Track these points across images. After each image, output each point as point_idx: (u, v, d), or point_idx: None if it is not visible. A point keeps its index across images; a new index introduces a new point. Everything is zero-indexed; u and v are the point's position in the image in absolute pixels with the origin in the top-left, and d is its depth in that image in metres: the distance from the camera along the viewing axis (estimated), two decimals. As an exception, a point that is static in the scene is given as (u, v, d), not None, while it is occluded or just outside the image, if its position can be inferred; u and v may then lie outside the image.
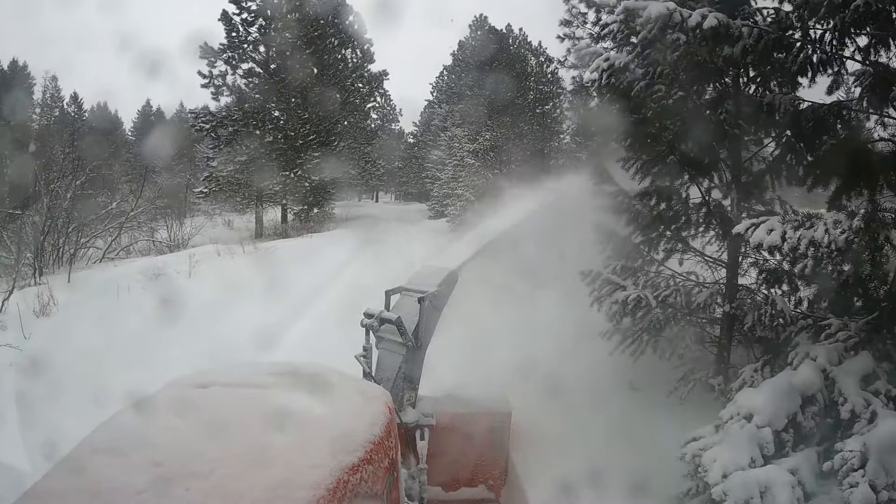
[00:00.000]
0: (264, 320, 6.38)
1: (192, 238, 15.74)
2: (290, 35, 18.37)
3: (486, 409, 3.63)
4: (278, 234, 17.93)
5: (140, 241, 15.49)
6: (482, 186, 15.73)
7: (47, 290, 8.36)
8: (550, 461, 3.55)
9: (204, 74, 18.86)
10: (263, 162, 17.78)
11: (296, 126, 18.90)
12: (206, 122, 18.88)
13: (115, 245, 14.32)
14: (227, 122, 18.58)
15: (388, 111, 30.99)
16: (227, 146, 18.35)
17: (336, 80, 19.93)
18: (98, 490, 1.48)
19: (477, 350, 4.59)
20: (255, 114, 18.57)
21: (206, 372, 2.06)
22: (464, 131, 18.60)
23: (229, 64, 18.65)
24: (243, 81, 18.87)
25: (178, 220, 16.44)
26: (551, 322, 4.76)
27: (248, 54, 18.78)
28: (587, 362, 4.43)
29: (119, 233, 14.58)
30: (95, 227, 13.67)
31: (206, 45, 18.12)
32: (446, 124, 21.27)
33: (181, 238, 15.49)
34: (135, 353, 5.85)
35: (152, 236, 15.62)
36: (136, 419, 1.72)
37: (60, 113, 32.72)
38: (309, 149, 18.78)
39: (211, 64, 18.41)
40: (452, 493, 3.54)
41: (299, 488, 1.50)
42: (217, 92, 18.91)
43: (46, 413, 4.03)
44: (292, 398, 1.84)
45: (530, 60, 23.46)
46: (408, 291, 3.37)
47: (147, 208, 16.01)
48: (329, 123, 19.42)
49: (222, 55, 18.40)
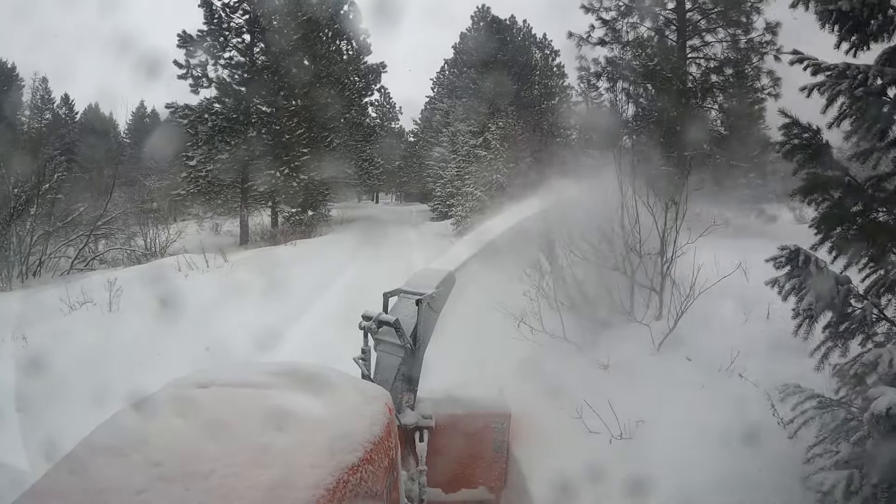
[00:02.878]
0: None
1: (172, 245, 15.46)
2: (277, 21, 18.08)
3: (485, 410, 3.76)
4: (266, 239, 17.51)
5: (112, 251, 15.13)
6: (496, 182, 14.72)
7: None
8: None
9: (180, 64, 18.15)
10: (247, 160, 17.22)
11: (283, 119, 18.21)
12: (184, 117, 18.17)
13: (87, 254, 14.14)
14: (207, 117, 18.00)
15: (387, 109, 31.13)
16: (206, 143, 17.84)
17: (329, 71, 19.54)
18: (98, 490, 1.57)
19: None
20: (238, 104, 18.07)
21: (206, 372, 2.14)
22: (467, 126, 18.27)
23: (209, 53, 18.09)
24: (226, 72, 18.39)
25: (157, 226, 16.05)
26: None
27: (229, 42, 18.22)
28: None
29: (87, 241, 14.27)
30: (67, 235, 13.61)
31: (184, 32, 17.67)
32: (449, 119, 21.20)
33: (158, 246, 15.19)
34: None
35: (127, 244, 15.31)
36: (135, 419, 1.80)
37: (52, 116, 32.91)
38: (298, 145, 18.15)
39: (190, 53, 17.89)
40: (452, 494, 3.65)
41: (299, 488, 1.58)
42: (196, 84, 18.29)
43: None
44: (292, 398, 1.93)
45: (535, 54, 23.50)
46: (406, 293, 3.45)
47: (124, 213, 15.83)
48: (321, 118, 18.86)
49: (202, 43, 17.88)
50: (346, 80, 20.97)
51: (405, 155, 30.81)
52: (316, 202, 19.70)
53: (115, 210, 15.64)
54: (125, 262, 14.09)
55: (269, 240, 17.47)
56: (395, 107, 32.77)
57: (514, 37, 25.24)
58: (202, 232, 19.51)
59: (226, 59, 18.32)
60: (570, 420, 3.83)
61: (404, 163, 30.93)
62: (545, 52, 24.62)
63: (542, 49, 24.89)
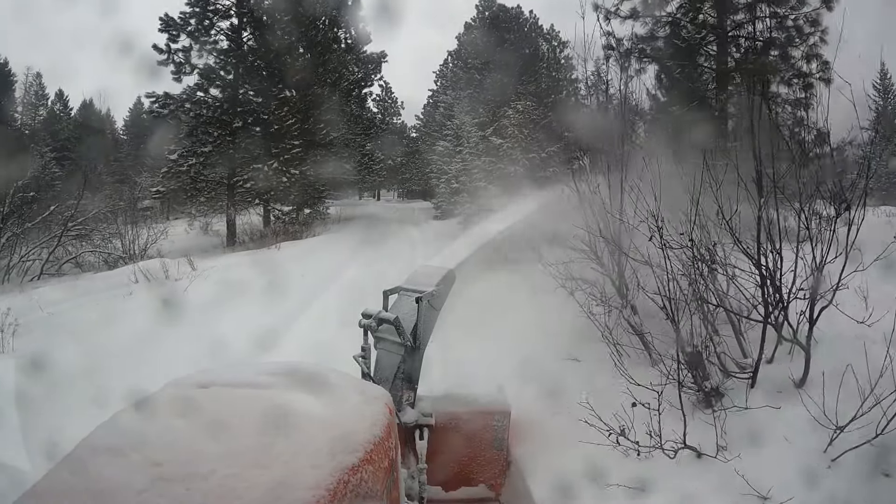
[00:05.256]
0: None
1: (155, 246, 15.03)
2: (269, 2, 17.64)
3: (485, 408, 3.90)
4: (255, 240, 16.87)
5: (85, 253, 14.60)
6: (514, 175, 13.14)
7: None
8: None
9: (161, 49, 17.30)
10: (232, 152, 16.59)
11: (272, 108, 17.39)
12: (164, 107, 17.35)
13: (60, 256, 13.81)
14: (190, 106, 17.27)
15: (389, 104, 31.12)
16: (188, 136, 17.21)
17: (325, 58, 18.98)
18: (98, 490, 1.64)
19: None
20: (223, 92, 17.41)
21: (206, 372, 2.21)
22: (473, 118, 18.02)
23: (192, 37, 17.35)
24: (211, 58, 17.69)
25: (137, 226, 15.53)
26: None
27: (215, 24, 17.51)
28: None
29: (57, 244, 13.86)
30: (38, 237, 13.41)
31: (166, 15, 17.03)
32: (453, 112, 21.07)
33: (137, 248, 14.69)
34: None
35: (103, 246, 14.82)
36: (136, 419, 1.86)
37: (48, 112, 33.18)
38: (289, 136, 17.33)
39: (172, 38, 17.19)
40: (452, 492, 3.81)
41: (299, 489, 1.66)
42: (178, 70, 17.53)
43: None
44: (292, 398, 1.99)
45: (542, 45, 23.45)
46: (406, 291, 3.54)
47: (99, 213, 15.39)
48: (317, 109, 18.23)
49: (186, 27, 17.17)
50: (344, 70, 20.32)
51: (407, 151, 30.87)
52: (312, 200, 19.01)
53: (95, 209, 15.28)
54: (98, 267, 13.69)
55: (258, 241, 16.80)
56: (397, 101, 32.74)
57: (520, 26, 25.21)
58: (191, 231, 18.97)
59: (210, 43, 17.52)
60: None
61: (406, 159, 31.03)
62: (552, 45, 24.56)
63: (550, 41, 24.83)
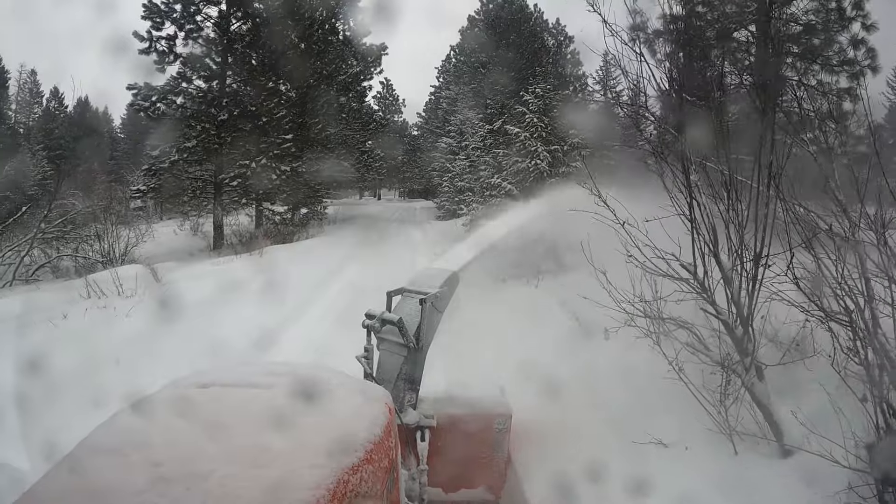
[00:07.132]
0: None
1: (139, 248, 14.74)
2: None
3: (486, 411, 4.03)
4: (244, 243, 16.23)
5: (62, 257, 14.21)
6: (534, 170, 12.04)
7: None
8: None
9: (142, 36, 16.73)
10: (217, 147, 16.02)
11: (260, 100, 16.73)
12: (145, 98, 16.70)
13: (35, 260, 13.57)
14: (172, 97, 16.68)
15: (389, 101, 31.14)
16: (172, 130, 16.57)
17: (321, 49, 18.51)
18: (98, 490, 1.68)
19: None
20: (208, 82, 16.83)
21: (206, 372, 2.26)
22: (477, 113, 17.81)
23: (177, 23, 16.84)
24: (197, 47, 17.18)
25: (117, 227, 14.92)
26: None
27: (201, 10, 17.01)
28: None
29: (30, 247, 13.51)
30: (12, 240, 13.23)
31: (149, 1, 16.57)
32: (457, 107, 20.98)
33: (118, 251, 14.25)
34: None
35: (81, 249, 14.40)
36: (135, 419, 1.90)
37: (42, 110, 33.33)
38: (279, 130, 16.81)
39: (156, 26, 16.73)
40: (453, 494, 3.92)
41: (299, 488, 1.71)
42: (161, 59, 17.04)
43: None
44: (292, 398, 2.02)
45: (548, 40, 23.42)
46: (409, 293, 3.60)
47: (75, 213, 14.94)
48: (311, 102, 17.72)
49: (171, 14, 16.66)
50: (342, 63, 19.78)
51: (409, 149, 30.90)
52: (308, 199, 18.50)
53: (73, 210, 14.85)
54: (74, 273, 13.19)
55: (246, 243, 16.04)
56: (398, 99, 32.71)
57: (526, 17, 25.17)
58: (180, 233, 18.47)
59: (196, 30, 16.81)
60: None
61: (407, 157, 31.05)
62: (558, 40, 24.55)
63: (555, 36, 24.82)
